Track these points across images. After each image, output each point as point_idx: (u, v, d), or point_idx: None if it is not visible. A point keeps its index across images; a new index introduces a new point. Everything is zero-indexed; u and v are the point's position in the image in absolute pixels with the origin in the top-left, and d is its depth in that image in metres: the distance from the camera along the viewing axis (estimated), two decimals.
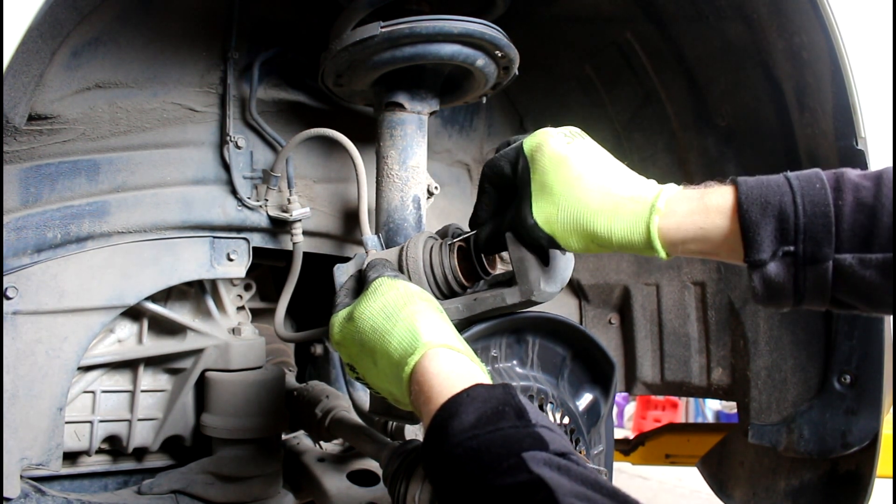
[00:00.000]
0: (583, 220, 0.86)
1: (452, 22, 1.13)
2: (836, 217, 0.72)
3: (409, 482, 1.08)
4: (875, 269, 0.71)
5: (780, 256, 0.75)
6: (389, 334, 0.83)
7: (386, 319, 0.84)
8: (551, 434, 0.66)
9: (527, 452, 0.62)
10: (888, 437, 2.14)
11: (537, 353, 1.07)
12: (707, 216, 0.79)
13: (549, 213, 0.88)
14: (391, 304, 0.86)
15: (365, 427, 1.39)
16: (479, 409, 0.68)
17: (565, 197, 0.87)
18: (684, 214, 0.81)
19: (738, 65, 1.39)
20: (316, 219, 1.49)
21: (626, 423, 6.23)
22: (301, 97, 1.46)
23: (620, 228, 0.83)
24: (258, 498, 1.49)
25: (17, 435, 1.21)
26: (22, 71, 0.99)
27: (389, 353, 0.82)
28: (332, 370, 1.85)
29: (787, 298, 0.77)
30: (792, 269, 0.75)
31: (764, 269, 0.76)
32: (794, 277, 0.75)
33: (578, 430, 1.07)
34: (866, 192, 0.72)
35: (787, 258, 0.75)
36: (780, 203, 0.75)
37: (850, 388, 1.38)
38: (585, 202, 0.85)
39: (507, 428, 0.65)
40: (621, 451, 2.48)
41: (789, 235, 0.74)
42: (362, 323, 0.87)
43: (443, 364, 0.76)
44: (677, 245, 0.82)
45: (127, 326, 1.45)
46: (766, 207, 0.75)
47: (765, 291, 0.77)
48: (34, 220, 1.22)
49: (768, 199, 0.75)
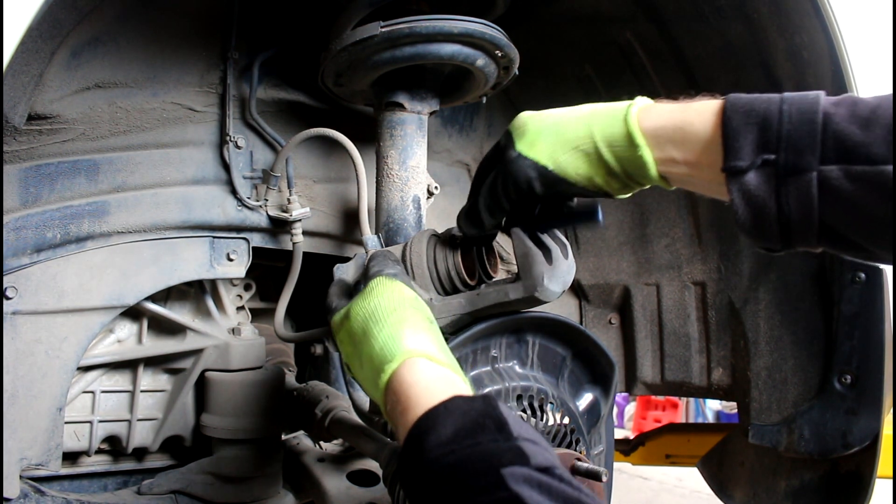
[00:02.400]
0: (563, 129, 0.83)
1: (452, 22, 1.13)
2: (823, 125, 0.66)
3: None
4: (864, 183, 0.64)
5: (760, 165, 0.69)
6: (374, 338, 0.80)
7: (375, 323, 0.81)
8: (534, 447, 0.62)
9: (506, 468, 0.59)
10: (889, 438, 2.14)
11: (537, 353, 1.07)
12: (686, 115, 0.75)
13: (533, 140, 0.85)
14: (381, 307, 0.83)
15: (365, 427, 1.39)
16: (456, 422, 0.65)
17: (544, 122, 0.85)
18: (664, 111, 0.78)
19: (739, 65, 1.39)
20: (316, 219, 1.49)
21: (626, 423, 6.23)
22: (301, 97, 1.46)
23: (600, 124, 0.81)
24: (258, 498, 1.49)
25: (16, 435, 1.21)
26: (22, 71, 0.99)
27: (372, 357, 0.79)
28: (332, 370, 1.85)
29: (771, 223, 0.70)
30: (773, 182, 0.68)
31: (742, 179, 0.70)
32: (776, 192, 0.68)
33: (578, 430, 1.07)
34: (863, 106, 0.66)
35: (767, 168, 0.68)
36: (766, 111, 0.69)
37: (850, 388, 1.38)
38: (564, 116, 0.85)
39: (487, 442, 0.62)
40: (621, 451, 2.48)
41: (771, 144, 0.68)
42: (355, 323, 0.85)
43: (421, 374, 0.73)
44: (661, 142, 0.77)
45: (127, 326, 1.45)
46: (749, 114, 0.70)
47: (746, 211, 0.70)
48: (34, 220, 1.22)
49: (754, 106, 0.70)
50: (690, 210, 1.65)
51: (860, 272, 1.34)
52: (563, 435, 1.04)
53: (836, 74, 1.21)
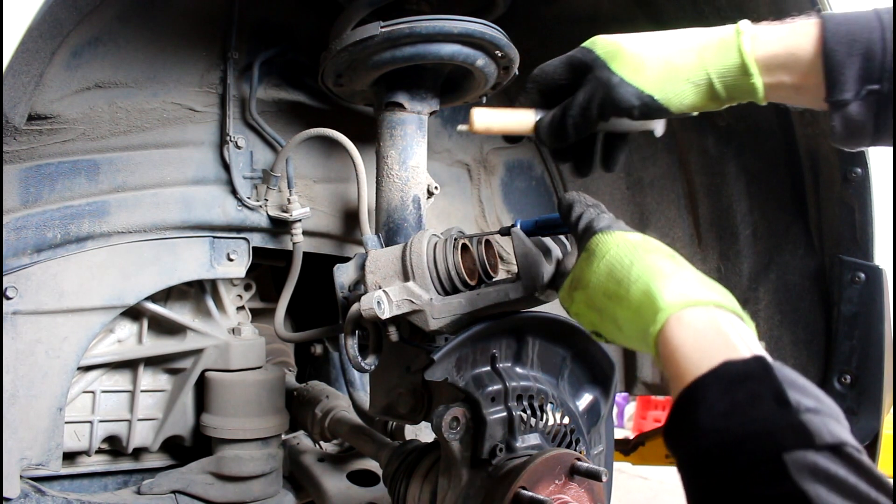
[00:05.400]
0: (673, 61, 0.81)
1: (452, 22, 1.13)
2: None
3: (409, 482, 1.08)
4: None
5: (864, 96, 0.71)
6: (625, 300, 0.73)
7: (617, 285, 0.75)
8: (818, 420, 0.54)
9: (789, 454, 0.52)
10: (888, 438, 2.14)
11: (537, 353, 1.07)
12: (795, 39, 0.75)
13: (637, 67, 0.82)
14: (616, 265, 0.76)
15: (365, 427, 1.39)
16: (729, 393, 0.58)
17: (648, 50, 0.82)
18: (774, 37, 0.77)
19: None
20: (316, 219, 1.49)
21: (626, 423, 6.23)
22: (301, 97, 1.46)
23: (713, 56, 0.80)
24: (258, 498, 1.49)
25: (16, 435, 1.21)
26: (22, 71, 0.99)
27: (631, 320, 0.73)
28: (332, 370, 1.85)
29: (865, 137, 0.73)
30: (874, 108, 0.71)
31: (846, 110, 0.72)
32: (876, 116, 0.71)
33: (578, 430, 1.07)
34: None
35: (870, 97, 0.71)
36: (868, 40, 0.70)
37: (850, 388, 1.38)
38: (670, 45, 0.83)
39: (764, 419, 0.55)
40: (621, 451, 2.48)
41: (874, 74, 0.70)
42: (593, 290, 0.78)
43: (687, 332, 0.65)
44: (772, 69, 0.77)
45: (127, 326, 1.45)
46: (852, 45, 0.71)
47: (844, 132, 0.73)
48: (34, 220, 1.22)
49: (855, 36, 0.71)
50: (690, 210, 1.65)
51: (860, 272, 1.34)
52: (563, 435, 1.04)
53: None
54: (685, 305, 0.67)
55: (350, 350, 1.04)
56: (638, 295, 0.71)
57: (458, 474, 0.96)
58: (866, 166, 1.26)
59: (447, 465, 0.98)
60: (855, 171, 1.28)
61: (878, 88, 0.70)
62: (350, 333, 1.04)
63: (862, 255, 1.33)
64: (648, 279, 0.72)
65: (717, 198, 1.57)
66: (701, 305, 0.67)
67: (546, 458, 0.91)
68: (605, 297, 0.76)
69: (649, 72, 0.82)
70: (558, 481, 0.92)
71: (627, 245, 0.77)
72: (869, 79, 0.70)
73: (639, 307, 0.71)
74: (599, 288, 0.77)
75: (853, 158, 1.25)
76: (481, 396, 0.95)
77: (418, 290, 1.00)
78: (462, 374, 0.98)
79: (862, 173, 1.27)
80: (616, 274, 0.75)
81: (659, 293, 0.69)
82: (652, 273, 0.72)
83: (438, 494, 1.00)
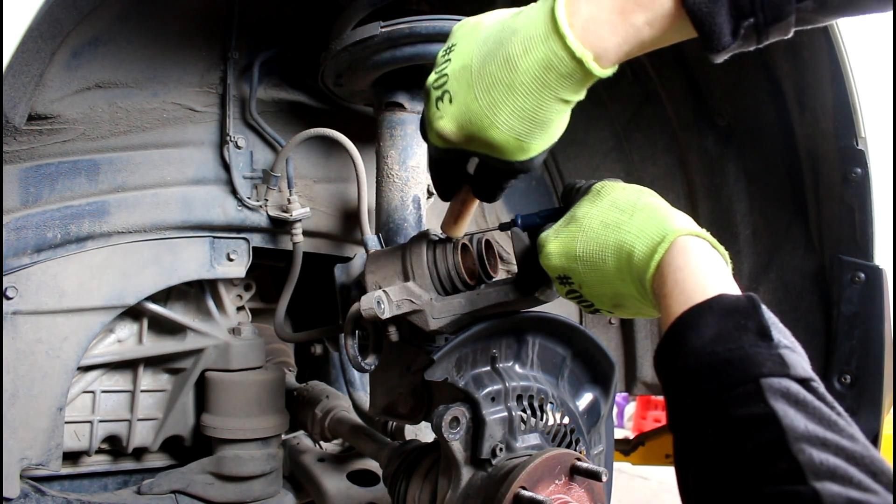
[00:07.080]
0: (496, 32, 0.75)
1: (452, 22, 1.13)
2: None
3: (409, 482, 1.08)
4: (837, 6, 0.66)
5: (741, 32, 0.68)
6: (626, 225, 0.77)
7: (620, 212, 0.79)
8: (793, 356, 0.60)
9: (765, 379, 0.57)
10: (888, 438, 2.14)
11: (537, 353, 1.07)
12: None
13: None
14: (622, 198, 0.81)
15: (365, 427, 1.39)
16: (719, 322, 0.63)
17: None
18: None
19: (739, 65, 1.39)
20: (316, 219, 1.49)
21: (626, 423, 6.23)
22: (301, 97, 1.46)
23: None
24: (258, 498, 1.49)
25: (16, 435, 1.21)
26: (22, 71, 0.99)
27: (629, 244, 0.76)
28: (332, 370, 1.85)
29: (749, 52, 0.72)
30: (754, 35, 0.68)
31: (728, 49, 0.69)
32: (758, 40, 0.69)
33: (578, 429, 1.07)
34: None
35: (748, 29, 0.68)
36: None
37: (850, 388, 1.38)
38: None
39: (748, 347, 0.60)
40: (621, 451, 2.49)
41: (745, 9, 0.67)
42: (590, 220, 0.81)
43: (689, 258, 0.71)
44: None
45: (127, 326, 1.45)
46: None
47: (727, 58, 0.71)
48: (34, 220, 1.22)
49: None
50: (690, 210, 1.65)
51: (860, 272, 1.34)
52: (563, 435, 1.04)
53: (836, 74, 1.21)
54: (691, 233, 0.73)
55: (350, 350, 1.04)
56: (643, 219, 0.76)
57: (458, 474, 0.96)
58: (866, 166, 1.26)
59: (447, 465, 0.98)
60: (855, 171, 1.28)
61: (754, 21, 0.67)
62: (350, 333, 1.04)
63: (862, 255, 1.33)
64: (655, 209, 0.77)
65: (717, 198, 1.57)
66: (703, 238, 0.73)
67: (546, 458, 0.91)
68: (603, 227, 0.80)
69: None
70: (558, 481, 0.92)
71: (633, 188, 0.83)
72: (741, 15, 0.67)
73: (641, 230, 0.75)
74: (598, 218, 0.81)
75: (852, 158, 1.25)
76: (481, 396, 0.95)
77: (418, 290, 0.99)
78: (462, 374, 0.98)
79: (862, 173, 1.27)
80: (620, 204, 0.80)
81: (667, 219, 0.75)
82: (657, 206, 0.78)
83: (438, 494, 1.00)
